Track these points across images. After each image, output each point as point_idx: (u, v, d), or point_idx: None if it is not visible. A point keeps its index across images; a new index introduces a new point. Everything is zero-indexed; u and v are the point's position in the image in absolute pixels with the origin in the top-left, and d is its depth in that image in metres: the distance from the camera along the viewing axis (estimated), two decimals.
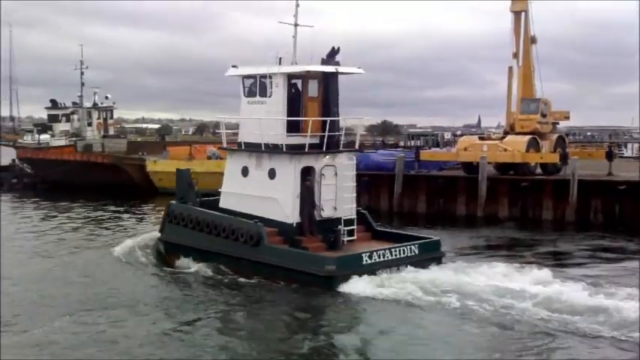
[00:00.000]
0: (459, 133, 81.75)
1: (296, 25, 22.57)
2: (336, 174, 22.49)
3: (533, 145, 37.95)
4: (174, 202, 25.05)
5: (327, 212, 22.10)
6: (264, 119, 22.07)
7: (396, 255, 20.81)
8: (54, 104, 65.00)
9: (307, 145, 21.65)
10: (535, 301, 17.46)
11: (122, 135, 66.82)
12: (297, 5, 22.63)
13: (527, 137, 38.02)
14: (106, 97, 61.64)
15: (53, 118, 64.25)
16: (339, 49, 22.43)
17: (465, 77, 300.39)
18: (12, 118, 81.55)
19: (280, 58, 22.16)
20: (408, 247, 21.34)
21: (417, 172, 39.75)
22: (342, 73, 22.59)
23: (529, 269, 20.87)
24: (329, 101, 22.43)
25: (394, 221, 35.24)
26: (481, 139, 40.67)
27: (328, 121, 22.03)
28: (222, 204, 23.81)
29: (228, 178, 24.11)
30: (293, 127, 22.07)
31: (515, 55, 41.11)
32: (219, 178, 46.98)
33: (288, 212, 21.61)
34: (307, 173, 21.98)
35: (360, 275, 19.54)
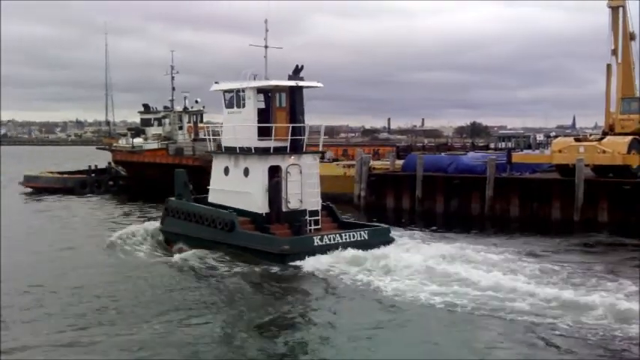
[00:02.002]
0: (552, 134, 78.92)
1: (266, 47, 27.13)
2: (300, 172, 26.44)
3: (635, 147, 36.03)
4: (172, 198, 29.29)
5: (293, 204, 26.01)
6: (239, 126, 26.61)
7: (346, 239, 24.52)
8: (146, 109, 66.75)
9: (272, 148, 25.89)
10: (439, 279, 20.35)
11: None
12: (267, 30, 27.25)
13: (629, 138, 36.19)
14: (196, 101, 62.76)
15: (146, 122, 65.98)
16: (302, 67, 26.63)
17: (559, 76, 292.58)
18: (107, 123, 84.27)
19: (255, 75, 26.47)
20: (358, 232, 25.30)
21: (509, 175, 38.49)
22: (304, 87, 26.78)
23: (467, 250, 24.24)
24: (295, 110, 26.77)
25: (486, 226, 34.24)
26: (577, 140, 38.94)
27: (290, 127, 26.24)
28: (209, 199, 28.12)
29: (214, 177, 28.40)
30: (264, 133, 26.19)
31: (614, 52, 39.42)
32: None
33: (259, 204, 25.85)
34: (275, 171, 25.95)
35: (311, 254, 23.26)
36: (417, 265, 21.84)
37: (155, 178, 53.23)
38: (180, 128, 61.39)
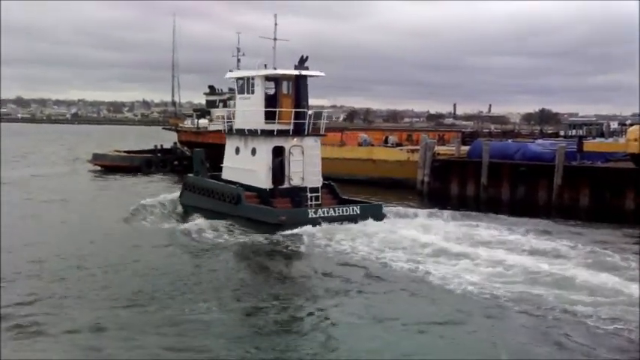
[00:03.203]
0: (628, 122, 76.16)
1: (275, 39, 29.69)
2: (303, 152, 29.05)
3: None
4: (190, 175, 33.03)
5: (295, 181, 28.73)
6: (247, 110, 29.81)
7: (339, 213, 27.09)
8: (212, 90, 67.23)
9: (276, 130, 28.56)
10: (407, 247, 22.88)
11: None
12: (276, 24, 29.80)
13: None
14: None
15: (211, 104, 66.52)
16: (307, 57, 29.17)
17: (635, 61, 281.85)
18: (174, 104, 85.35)
19: (265, 65, 29.29)
20: (351, 207, 27.77)
21: (580, 164, 37.19)
22: (308, 76, 29.40)
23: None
24: (300, 97, 29.31)
25: (552, 214, 33.15)
26: None
27: (293, 112, 28.76)
28: (223, 176, 31.36)
29: (227, 156, 31.57)
30: (270, 116, 28.72)
31: None
32: (370, 166, 46.26)
33: (263, 180, 28.68)
34: (279, 151, 28.76)
35: (305, 224, 25.91)
36: (383, 234, 24.70)
37: (218, 158, 53.64)
38: None
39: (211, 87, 67.42)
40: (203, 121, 63.01)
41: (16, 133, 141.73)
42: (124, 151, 62.91)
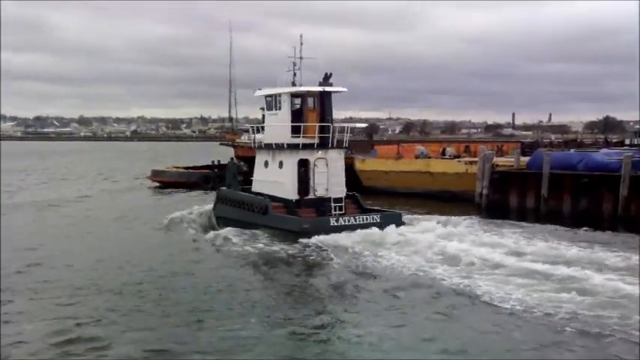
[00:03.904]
0: None
1: (301, 58, 31.05)
2: (327, 164, 30.40)
3: None
4: (223, 188, 34.75)
5: (319, 192, 30.18)
6: (275, 125, 31.52)
7: (359, 221, 28.35)
8: None
9: (301, 144, 30.03)
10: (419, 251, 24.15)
11: None
12: (302, 43, 31.08)
13: None
14: None
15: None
16: (331, 74, 30.65)
17: None
18: (230, 119, 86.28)
19: (293, 82, 30.84)
20: (371, 215, 29.05)
21: None
22: (331, 92, 30.87)
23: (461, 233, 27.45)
24: (324, 112, 30.75)
25: (618, 228, 31.97)
26: None
27: (317, 126, 30.11)
28: (253, 188, 32.80)
29: (257, 169, 33.06)
30: (296, 131, 30.15)
31: None
32: (428, 178, 45.67)
33: (290, 191, 30.08)
34: (305, 164, 30.12)
35: (328, 232, 27.21)
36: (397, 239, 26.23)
37: None
38: None
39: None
40: (259, 136, 63.16)
41: (80, 150, 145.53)
42: (182, 167, 63.67)
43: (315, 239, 26.67)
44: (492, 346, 15.22)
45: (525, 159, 42.12)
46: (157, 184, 58.89)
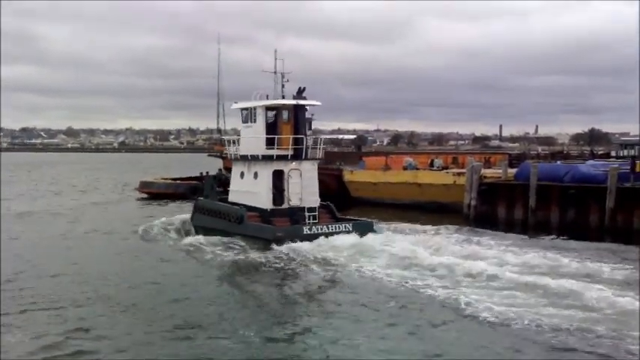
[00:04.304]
0: None
1: (275, 72, 32.30)
2: (301, 175, 31.39)
3: None
4: (201, 198, 35.43)
5: (294, 202, 31.11)
6: (250, 137, 32.50)
7: (332, 229, 29.26)
8: None
9: (275, 155, 31.14)
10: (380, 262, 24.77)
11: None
12: (276, 59, 32.26)
13: None
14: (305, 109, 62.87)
15: None
16: (304, 88, 31.86)
17: None
18: (219, 130, 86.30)
19: (267, 95, 31.96)
20: (343, 224, 30.03)
21: (633, 185, 36.05)
22: (304, 105, 32.07)
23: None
24: (298, 124, 31.80)
25: (605, 238, 32.17)
26: None
27: (291, 138, 31.29)
28: (229, 198, 33.82)
29: (233, 180, 34.16)
30: (271, 143, 31.18)
31: None
32: (416, 189, 45.84)
33: (264, 201, 31.21)
34: (279, 175, 31.18)
35: (301, 240, 28.09)
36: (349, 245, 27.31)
37: None
38: None
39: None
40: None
41: (68, 162, 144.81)
42: (171, 179, 63.53)
43: (287, 247, 27.49)
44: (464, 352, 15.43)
45: (513, 171, 42.34)
46: (145, 196, 58.71)
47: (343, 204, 47.08)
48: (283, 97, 31.69)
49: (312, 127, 65.77)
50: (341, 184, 52.72)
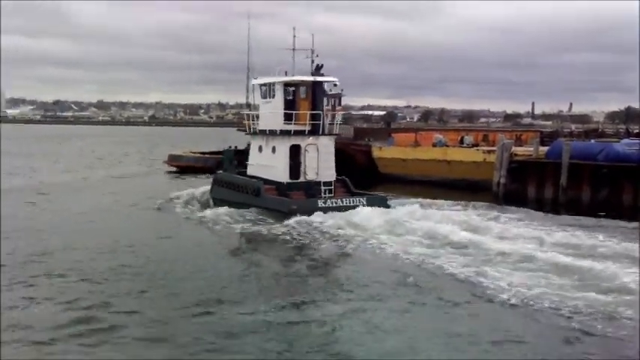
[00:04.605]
0: None
1: (294, 49, 32.87)
2: (317, 150, 31.94)
3: None
4: (220, 171, 36.31)
5: (310, 176, 31.81)
6: (268, 113, 33.38)
7: (346, 203, 29.87)
8: None
9: (292, 130, 31.87)
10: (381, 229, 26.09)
11: (349, 122, 67.66)
12: (294, 36, 32.92)
13: None
14: (335, 85, 62.38)
15: None
16: (322, 65, 32.56)
17: None
18: (248, 105, 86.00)
19: (286, 72, 32.63)
20: (357, 198, 30.55)
21: None
22: (322, 82, 32.80)
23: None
24: (316, 101, 32.52)
25: (638, 217, 31.55)
26: None
27: (308, 114, 31.97)
28: (248, 172, 34.75)
29: (251, 154, 35.12)
30: (288, 118, 32.02)
31: None
32: (445, 167, 45.34)
33: (281, 174, 31.90)
34: (296, 149, 31.87)
35: (315, 212, 28.71)
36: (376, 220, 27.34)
37: None
38: None
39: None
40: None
41: (98, 135, 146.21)
42: (199, 153, 63.71)
43: (301, 219, 27.96)
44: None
45: (544, 149, 41.67)
46: (174, 169, 59.01)
47: (372, 180, 47.10)
48: (312, 74, 32.01)
49: (342, 103, 65.96)
50: (370, 161, 52.44)
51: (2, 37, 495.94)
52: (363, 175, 49.72)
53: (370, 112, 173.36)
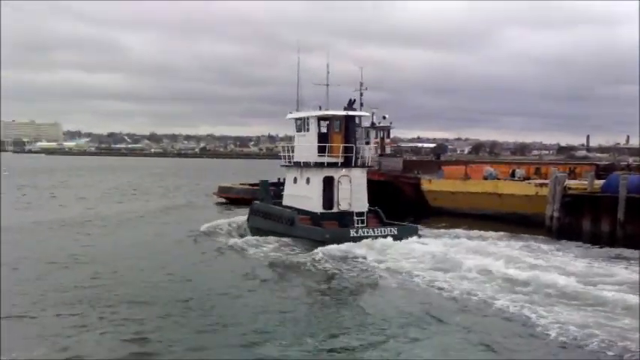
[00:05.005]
0: None
1: (327, 85, 35.12)
2: (350, 181, 33.38)
3: None
4: (257, 202, 38.15)
5: (343, 206, 33.13)
6: (303, 145, 34.89)
7: (377, 233, 31.05)
8: None
9: (326, 162, 33.53)
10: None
11: (398, 154, 67.26)
12: (328, 72, 35.09)
13: None
14: (384, 117, 62.25)
15: None
16: (354, 100, 34.93)
17: None
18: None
19: (320, 106, 34.29)
20: (389, 228, 31.72)
21: None
22: (355, 116, 34.78)
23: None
24: (348, 134, 34.04)
25: None
26: None
27: (342, 147, 33.44)
28: (284, 202, 36.06)
29: (287, 185, 36.54)
30: (322, 151, 33.56)
31: None
32: (496, 200, 44.51)
33: (316, 205, 33.29)
34: (330, 181, 33.22)
35: (347, 241, 29.82)
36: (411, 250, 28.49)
37: None
38: (367, 143, 60.98)
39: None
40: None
41: (149, 167, 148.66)
42: (248, 184, 64.00)
43: (335, 248, 28.92)
44: None
45: (600, 182, 40.51)
46: (224, 200, 59.37)
47: (421, 213, 46.52)
48: (362, 105, 34.59)
49: (391, 136, 65.67)
50: (419, 193, 51.85)
51: (63, 73, 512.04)
52: (411, 207, 49.26)
53: (420, 145, 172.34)
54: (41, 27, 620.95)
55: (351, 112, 34.30)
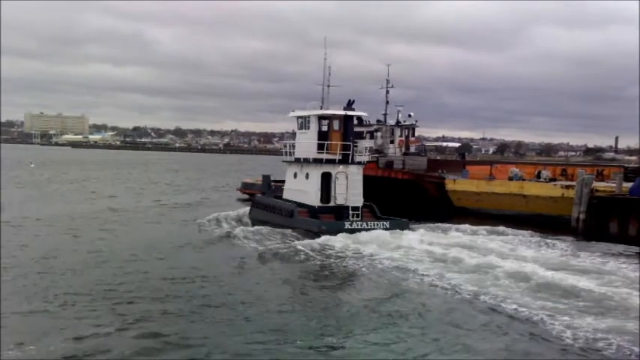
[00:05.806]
0: None
1: (328, 86, 37.39)
2: (347, 177, 35.36)
3: None
4: (258, 195, 41.36)
5: (339, 201, 35.16)
6: (303, 142, 37.11)
7: (370, 226, 33.20)
8: (359, 121, 67.08)
9: (324, 159, 35.47)
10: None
11: (423, 153, 66.81)
12: (329, 74, 37.32)
13: None
14: (409, 115, 61.93)
15: (358, 135, 66.19)
16: (354, 101, 36.46)
17: None
18: None
19: (321, 106, 36.67)
20: (381, 222, 33.85)
21: None
22: (353, 115, 36.83)
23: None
24: (347, 132, 36.34)
25: None
26: None
27: (340, 145, 35.71)
28: (284, 196, 38.54)
29: (287, 179, 38.87)
30: (322, 148, 35.62)
31: None
32: (521, 201, 44.24)
33: (314, 199, 35.44)
34: (327, 176, 35.32)
35: (342, 232, 31.90)
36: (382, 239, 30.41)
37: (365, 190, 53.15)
38: (392, 142, 60.76)
39: (359, 118, 67.37)
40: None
41: (174, 161, 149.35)
42: (273, 180, 63.91)
43: (330, 239, 30.56)
44: None
45: (628, 184, 39.95)
46: (246, 196, 59.44)
47: (445, 213, 46.08)
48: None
49: (416, 135, 65.23)
50: (443, 193, 51.47)
51: (93, 66, 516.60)
52: (435, 207, 48.90)
53: (444, 144, 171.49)
54: (74, 20, 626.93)
55: (349, 112, 36.21)
